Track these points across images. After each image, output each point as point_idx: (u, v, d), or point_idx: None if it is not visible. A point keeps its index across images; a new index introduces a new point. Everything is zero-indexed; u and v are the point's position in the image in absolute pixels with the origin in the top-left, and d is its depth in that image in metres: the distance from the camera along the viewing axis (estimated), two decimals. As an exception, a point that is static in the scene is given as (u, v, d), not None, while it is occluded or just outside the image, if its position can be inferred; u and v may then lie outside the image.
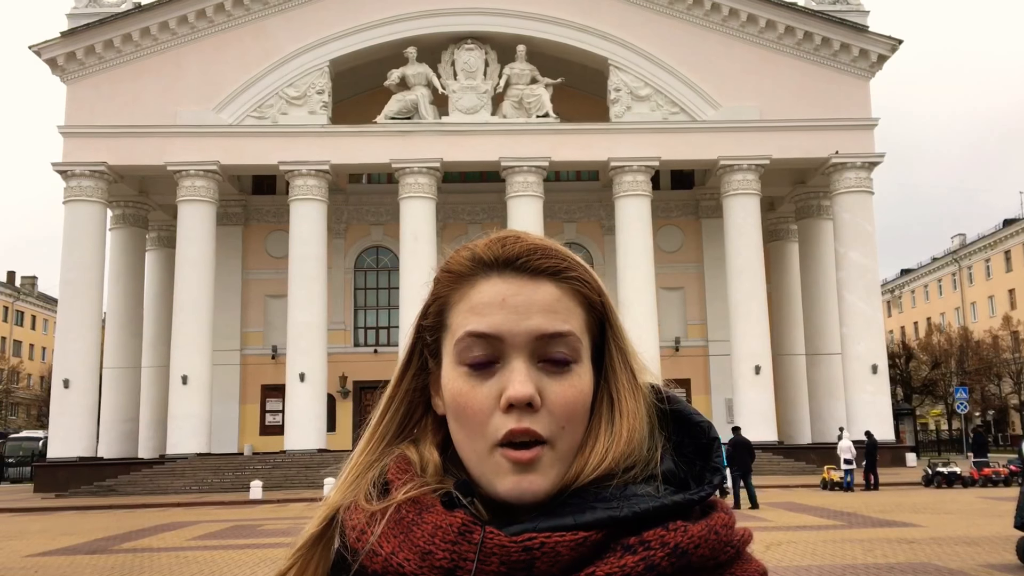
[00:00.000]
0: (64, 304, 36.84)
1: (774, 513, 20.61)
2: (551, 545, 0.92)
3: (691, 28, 38.68)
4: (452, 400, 1.00)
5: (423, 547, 0.94)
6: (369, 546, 0.97)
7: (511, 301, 0.99)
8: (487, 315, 0.98)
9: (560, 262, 1.01)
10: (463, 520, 0.95)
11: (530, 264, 1.00)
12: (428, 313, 1.06)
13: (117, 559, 15.49)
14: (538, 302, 0.99)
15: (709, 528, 0.96)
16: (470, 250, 1.03)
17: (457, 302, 1.02)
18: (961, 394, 45.78)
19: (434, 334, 1.05)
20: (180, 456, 35.24)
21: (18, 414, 77.60)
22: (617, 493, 0.96)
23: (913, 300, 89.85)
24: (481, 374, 0.98)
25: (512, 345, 0.98)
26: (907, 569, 12.05)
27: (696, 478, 1.01)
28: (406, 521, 0.97)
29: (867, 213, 38.03)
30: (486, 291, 1.00)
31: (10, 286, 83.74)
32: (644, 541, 0.93)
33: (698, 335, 42.94)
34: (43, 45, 37.56)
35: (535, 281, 1.00)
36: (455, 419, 1.01)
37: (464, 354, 0.99)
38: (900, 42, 38.73)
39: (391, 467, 1.04)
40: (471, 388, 0.98)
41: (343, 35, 38.24)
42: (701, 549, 0.94)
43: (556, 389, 0.98)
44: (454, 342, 1.00)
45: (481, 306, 0.99)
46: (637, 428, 1.01)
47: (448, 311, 1.03)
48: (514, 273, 1.00)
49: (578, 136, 38.11)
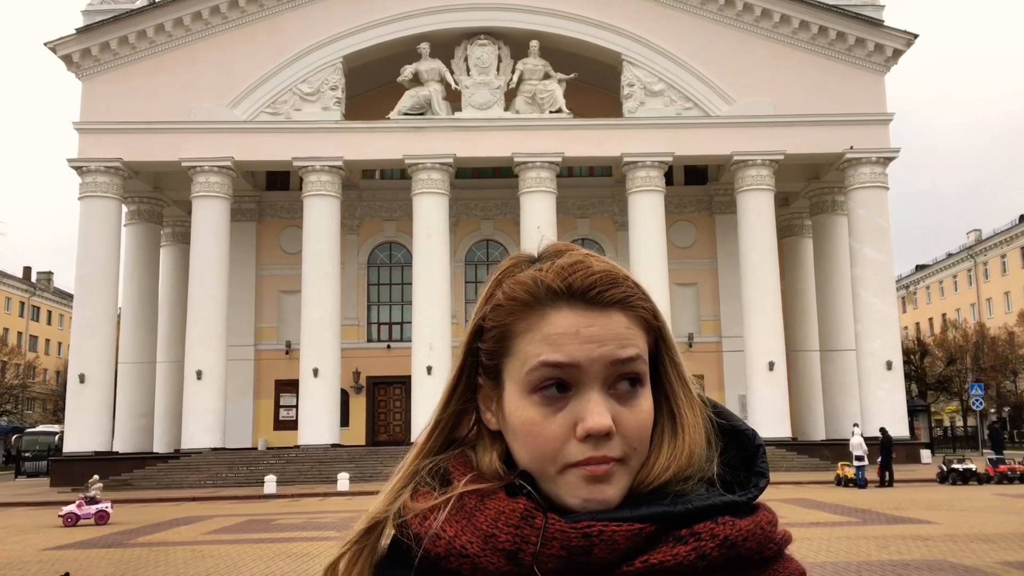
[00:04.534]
0: (80, 300, 37.06)
1: (788, 510, 20.53)
2: (609, 533, 0.96)
3: (705, 23, 38.53)
4: (522, 428, 1.02)
5: (486, 530, 0.98)
6: (433, 530, 1.00)
7: (585, 332, 1.00)
8: (562, 345, 1.00)
9: (628, 291, 1.03)
10: (525, 506, 0.99)
11: (602, 297, 1.02)
12: (487, 337, 1.06)
13: (132, 553, 15.58)
14: (612, 332, 1.01)
15: (756, 524, 1.01)
16: (534, 278, 1.03)
17: (525, 331, 1.02)
18: (976, 390, 45.50)
19: (492, 357, 1.06)
20: (195, 451, 35.43)
21: (34, 409, 78.13)
22: (671, 494, 1.02)
23: (928, 296, 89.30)
24: (554, 404, 1.00)
25: (588, 373, 1.00)
26: (922, 566, 11.99)
27: (741, 484, 1.05)
28: (468, 507, 1.01)
29: (882, 209, 37.81)
30: (559, 323, 1.01)
31: (26, 282, 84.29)
32: (695, 533, 0.98)
33: (712, 331, 42.83)
34: (59, 42, 37.75)
35: (606, 312, 1.02)
36: (522, 444, 1.03)
37: (537, 383, 1.00)
38: (916, 36, 38.46)
39: (451, 462, 1.08)
40: (543, 418, 1.00)
41: (356, 31, 38.28)
42: (748, 542, 0.99)
43: (628, 415, 1.01)
44: (526, 371, 1.01)
45: (555, 336, 1.00)
46: (698, 442, 1.06)
47: (513, 339, 1.03)
48: (586, 305, 1.01)
49: (591, 132, 38.03)
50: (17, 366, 72.45)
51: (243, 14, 38.28)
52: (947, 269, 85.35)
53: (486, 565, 0.97)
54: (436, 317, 36.42)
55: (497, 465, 1.06)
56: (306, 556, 14.40)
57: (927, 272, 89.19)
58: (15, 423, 68.61)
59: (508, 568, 0.96)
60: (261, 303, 42.71)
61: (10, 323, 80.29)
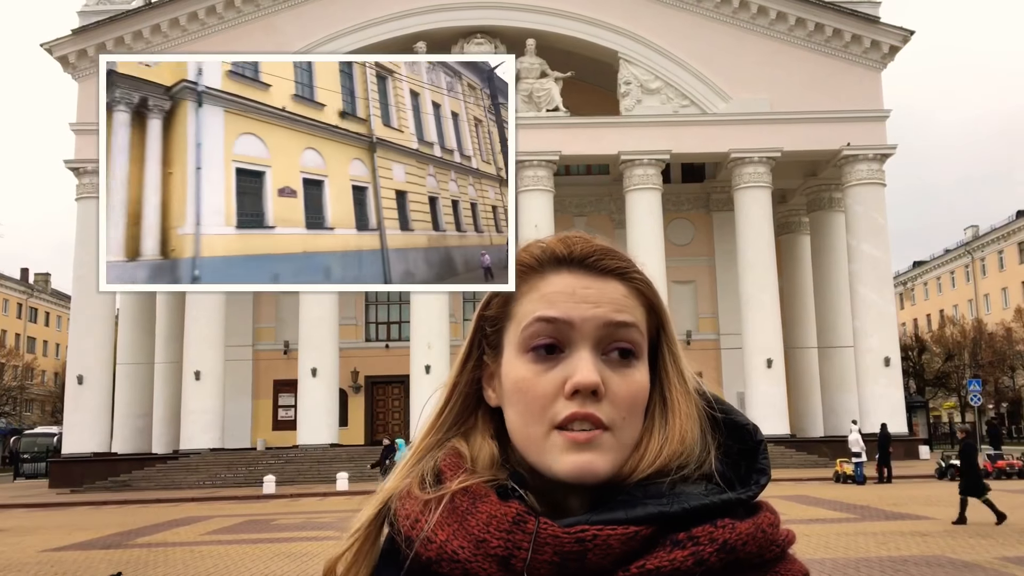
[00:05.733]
0: (78, 301, 37.02)
1: (787, 506, 20.55)
2: (603, 538, 0.94)
3: (701, 21, 38.54)
4: (514, 385, 1.02)
5: (477, 535, 0.96)
6: (424, 533, 0.98)
7: (581, 293, 1.02)
8: (558, 303, 1.02)
9: (627, 264, 1.06)
10: (518, 510, 0.97)
11: (600, 263, 1.05)
12: (491, 304, 1.09)
13: (131, 554, 15.57)
14: (607, 296, 1.03)
15: (756, 526, 0.98)
16: (540, 246, 1.08)
17: (526, 293, 1.05)
18: (974, 387, 45.49)
19: (495, 324, 1.07)
20: (193, 451, 35.42)
21: (33, 410, 78.06)
22: (667, 491, 0.99)
23: (926, 292, 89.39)
24: (546, 362, 1.01)
25: (580, 332, 1.00)
26: (921, 562, 12.02)
27: (741, 480, 1.03)
28: (460, 510, 0.99)
29: (879, 205, 37.83)
30: (557, 283, 1.04)
31: (24, 283, 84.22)
32: (693, 537, 0.95)
33: (710, 328, 42.85)
34: (54, 43, 37.72)
35: (604, 279, 1.04)
36: (513, 405, 1.03)
37: (531, 340, 1.01)
38: (912, 33, 38.49)
39: (443, 459, 1.06)
40: (534, 375, 1.01)
41: (352, 30, 38.25)
42: (749, 546, 0.97)
43: (619, 381, 1.00)
44: (521, 328, 1.03)
45: (552, 294, 1.03)
46: (689, 429, 1.04)
47: (515, 301, 1.06)
48: (584, 270, 1.04)
49: (588, 130, 38.03)
50: (15, 368, 72.41)
51: (239, 14, 38.26)
52: (945, 265, 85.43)
53: (477, 571, 0.95)
54: (434, 316, 36.42)
55: (494, 452, 1.05)
56: (305, 556, 14.40)
57: (925, 268, 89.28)
58: (14, 425, 68.54)
59: (500, 574, 0.94)
60: (259, 303, 42.67)
61: (8, 325, 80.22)
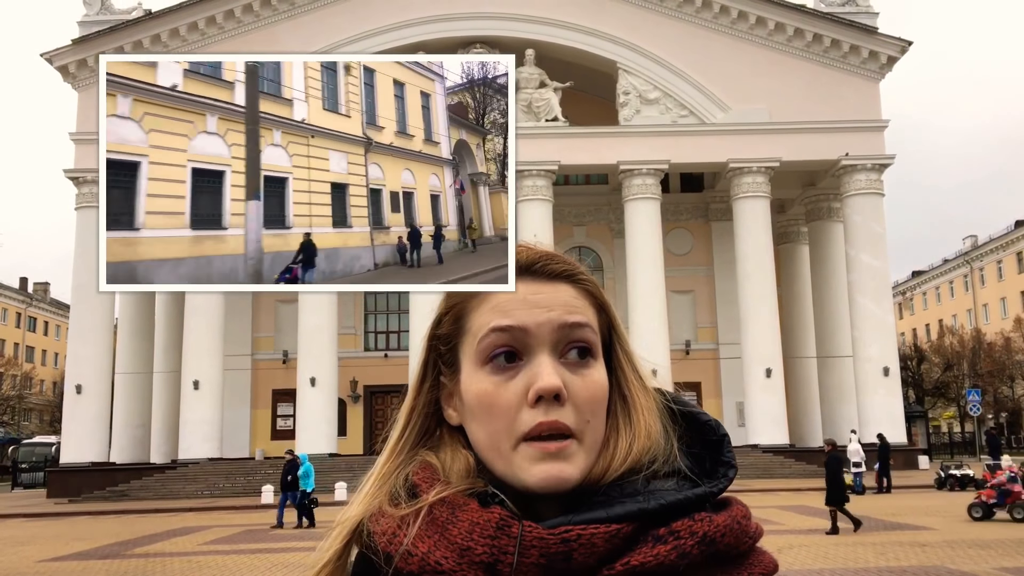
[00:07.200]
0: (77, 310, 37.01)
1: (786, 516, 20.52)
2: (587, 537, 0.95)
3: (700, 31, 38.65)
4: (476, 399, 1.01)
5: (461, 544, 0.96)
6: (404, 548, 0.97)
7: (533, 299, 1.02)
8: (511, 311, 1.02)
9: (572, 267, 1.07)
10: (500, 515, 0.97)
11: (547, 269, 1.05)
12: (443, 322, 1.08)
13: (129, 564, 15.54)
14: (559, 299, 1.03)
15: (732, 518, 1.01)
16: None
17: (476, 306, 1.05)
18: (974, 396, 45.53)
19: (449, 342, 1.07)
20: (192, 461, 35.33)
21: (31, 420, 77.93)
22: (642, 488, 1.00)
23: (925, 302, 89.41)
24: (506, 372, 1.01)
25: (537, 337, 1.01)
26: (920, 573, 12.00)
27: (708, 474, 1.05)
28: (440, 520, 0.98)
29: (878, 215, 37.88)
30: (507, 292, 1.03)
31: (23, 292, 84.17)
32: (674, 531, 0.97)
33: (708, 338, 42.83)
34: (54, 53, 37.81)
35: (552, 283, 1.05)
36: (477, 419, 1.02)
37: (488, 351, 1.01)
38: (910, 43, 38.61)
39: (416, 472, 1.05)
40: (495, 386, 1.00)
41: (351, 40, 38.32)
42: (727, 538, 0.99)
43: (579, 383, 1.01)
44: (477, 341, 1.02)
45: (504, 303, 1.02)
46: (653, 423, 1.05)
47: (466, 316, 1.05)
48: (532, 276, 1.04)
49: (587, 140, 38.10)
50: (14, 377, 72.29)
51: (239, 24, 38.36)
52: (944, 275, 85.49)
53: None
54: (433, 325, 36.37)
55: (470, 461, 1.04)
56: (303, 567, 14.37)
57: (924, 278, 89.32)
58: (12, 434, 68.35)
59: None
60: (258, 312, 42.66)
61: (7, 334, 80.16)
